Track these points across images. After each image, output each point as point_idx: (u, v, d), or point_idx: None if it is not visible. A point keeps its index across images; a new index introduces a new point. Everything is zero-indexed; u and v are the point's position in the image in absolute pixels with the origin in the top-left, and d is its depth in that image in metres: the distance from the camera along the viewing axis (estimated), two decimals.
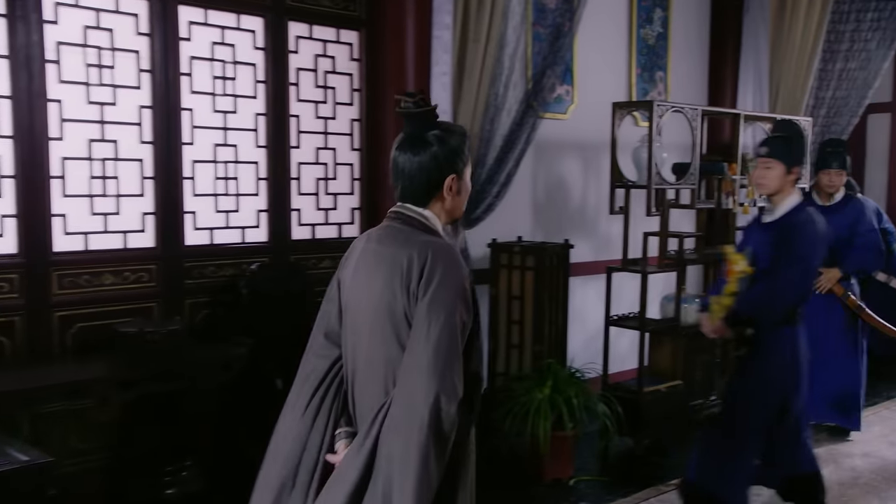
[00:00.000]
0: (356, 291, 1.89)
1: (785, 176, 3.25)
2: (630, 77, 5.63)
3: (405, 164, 1.87)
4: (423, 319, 1.73)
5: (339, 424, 1.91)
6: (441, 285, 1.74)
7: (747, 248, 3.34)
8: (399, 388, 1.74)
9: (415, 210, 1.90)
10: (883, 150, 7.01)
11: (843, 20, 5.82)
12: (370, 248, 1.90)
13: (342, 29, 4.26)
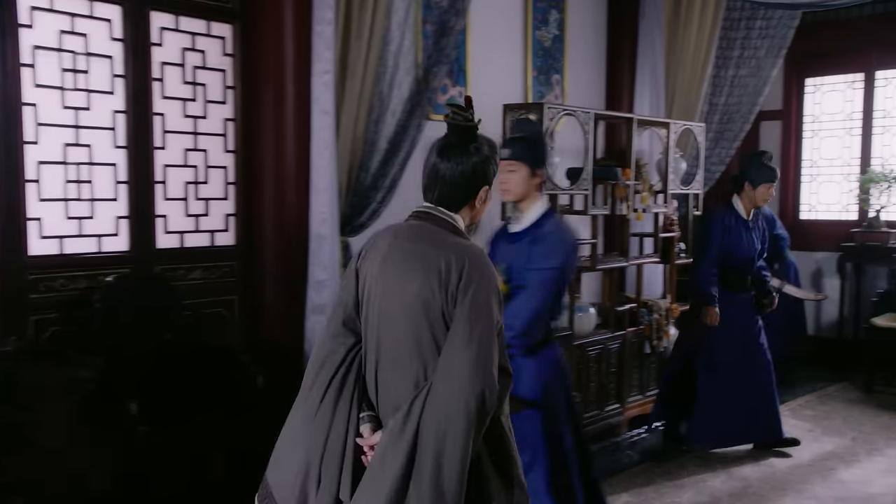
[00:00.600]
0: (386, 285, 1.97)
1: (530, 179, 2.98)
2: (526, 79, 5.51)
3: (447, 171, 2.00)
4: (465, 319, 1.86)
5: (361, 408, 1.98)
6: (480, 288, 1.88)
7: (500, 264, 2.90)
8: (443, 380, 1.84)
9: (446, 213, 2.02)
10: (775, 157, 7.09)
11: (734, 27, 5.85)
12: (400, 245, 1.99)
13: (213, 21, 3.95)
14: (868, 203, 6.40)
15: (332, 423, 1.96)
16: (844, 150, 6.87)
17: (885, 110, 6.64)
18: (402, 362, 1.93)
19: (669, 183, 5.16)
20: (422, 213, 2.05)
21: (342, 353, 2.02)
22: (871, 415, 5.26)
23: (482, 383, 1.82)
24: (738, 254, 4.43)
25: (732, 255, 4.43)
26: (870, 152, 6.71)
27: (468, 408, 1.80)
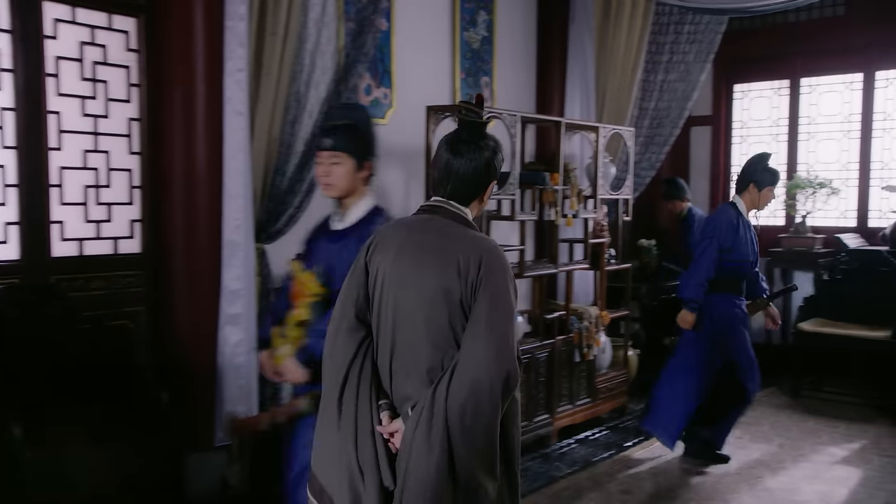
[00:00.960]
0: (403, 277, 2.04)
1: (356, 172, 2.71)
2: (454, 81, 5.37)
3: (460, 167, 2.09)
4: (488, 307, 1.95)
5: (379, 397, 2.05)
6: (499, 277, 1.99)
7: (318, 265, 2.72)
8: (469, 364, 1.92)
9: (457, 206, 2.11)
10: (705, 161, 7.16)
11: (663, 31, 5.83)
12: (415, 239, 2.07)
13: (115, 14, 3.70)
14: (794, 209, 6.45)
15: (357, 415, 2.03)
16: (773, 155, 6.90)
17: (809, 117, 6.71)
18: (419, 350, 2.02)
19: (599, 188, 5.08)
20: (433, 206, 2.13)
21: (354, 348, 2.07)
22: (797, 420, 5.27)
23: (507, 366, 1.93)
24: (741, 255, 4.26)
25: (736, 255, 4.24)
26: (796, 158, 6.78)
27: (495, 389, 1.91)
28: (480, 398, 1.91)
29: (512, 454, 2.09)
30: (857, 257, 5.94)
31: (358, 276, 2.13)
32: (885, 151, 6.37)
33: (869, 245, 6.18)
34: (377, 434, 2.02)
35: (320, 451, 2.13)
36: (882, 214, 6.38)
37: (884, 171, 6.37)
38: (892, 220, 6.03)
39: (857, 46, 6.36)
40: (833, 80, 6.58)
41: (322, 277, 2.65)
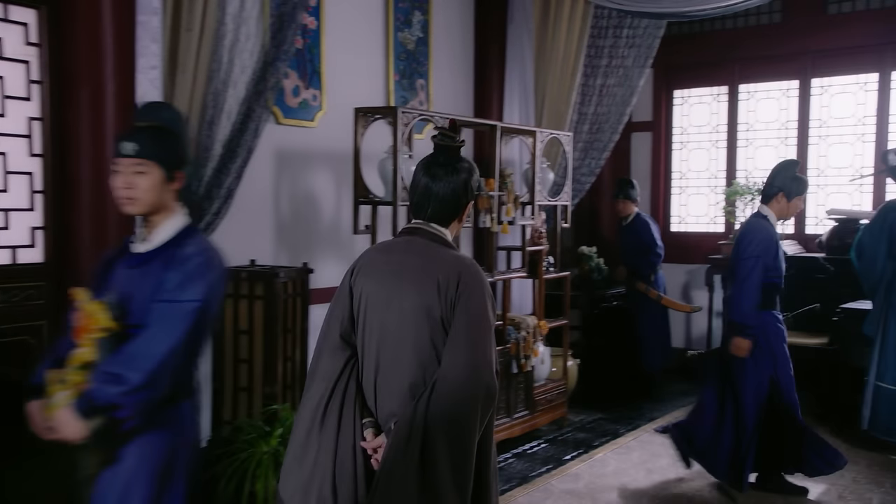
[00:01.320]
0: (388, 297, 2.13)
1: (165, 184, 2.27)
2: (388, 83, 5.19)
3: (439, 190, 2.17)
4: (466, 324, 2.04)
5: (362, 415, 2.11)
6: (476, 295, 2.07)
7: (111, 294, 2.25)
8: (449, 379, 2.00)
9: (437, 228, 2.19)
10: (646, 167, 7.11)
11: (602, 35, 5.74)
12: (396, 260, 2.17)
13: (12, 5, 3.42)
14: (734, 215, 6.43)
15: (339, 431, 2.08)
16: (711, 162, 6.91)
17: (747, 123, 6.71)
18: (402, 368, 2.09)
19: (537, 194, 4.96)
20: (414, 228, 2.23)
21: (340, 366, 2.13)
22: None
23: (486, 380, 2.01)
24: (780, 269, 4.06)
25: (775, 270, 4.02)
26: (735, 164, 6.77)
27: (474, 402, 1.99)
28: (460, 410, 1.98)
29: (489, 473, 2.16)
30: (794, 264, 5.91)
31: (343, 299, 2.20)
32: (821, 158, 6.39)
33: (806, 252, 6.19)
34: (359, 449, 2.07)
35: (289, 468, 2.14)
36: (818, 221, 6.40)
37: (820, 178, 6.39)
38: (828, 226, 6.03)
39: (793, 53, 6.37)
40: (770, 86, 6.59)
41: (115, 309, 2.19)
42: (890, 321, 4.35)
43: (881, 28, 5.95)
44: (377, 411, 2.12)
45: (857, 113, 6.22)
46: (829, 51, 6.25)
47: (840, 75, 6.27)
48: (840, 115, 6.29)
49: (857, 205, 6.23)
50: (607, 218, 7.13)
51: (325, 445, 2.08)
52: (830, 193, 6.36)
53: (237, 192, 3.98)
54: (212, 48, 3.61)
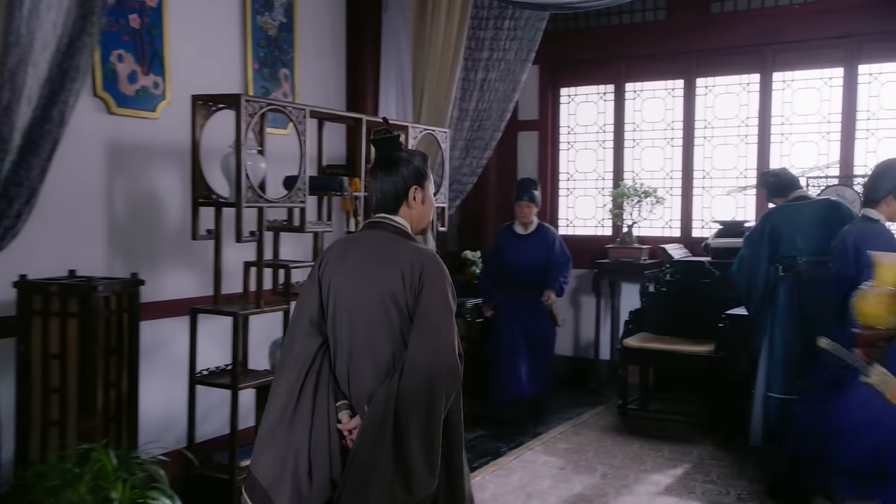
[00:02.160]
0: (356, 287, 2.29)
1: None
2: (246, 72, 4.66)
3: (380, 184, 2.38)
4: (428, 309, 2.22)
5: (336, 398, 2.27)
6: (437, 283, 2.26)
7: None
8: (415, 361, 2.17)
9: (392, 218, 2.37)
10: (532, 168, 6.82)
11: (483, 27, 5.39)
12: (361, 253, 2.34)
13: None
14: (621, 218, 6.22)
15: (313, 413, 2.21)
16: (599, 162, 6.69)
17: (634, 123, 6.52)
18: (374, 352, 2.24)
19: None
20: (375, 222, 2.38)
21: (313, 350, 2.27)
22: (623, 444, 4.95)
23: (448, 360, 2.18)
24: None
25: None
26: (622, 165, 6.57)
27: (439, 381, 2.15)
28: (427, 390, 2.14)
29: (458, 449, 2.33)
30: (681, 268, 5.76)
31: (311, 291, 2.35)
32: (706, 160, 6.25)
33: (692, 256, 6.03)
34: (333, 430, 2.21)
35: (262, 446, 2.26)
36: (704, 224, 6.27)
37: (705, 181, 6.26)
38: (714, 229, 5.90)
39: (677, 52, 6.22)
40: (656, 85, 6.42)
41: None
42: (776, 329, 4.16)
43: (762, 28, 5.86)
44: (350, 395, 2.27)
45: (741, 114, 6.11)
46: (713, 50, 6.12)
47: (723, 75, 6.15)
48: (724, 115, 6.18)
49: (742, 207, 6.12)
50: (493, 221, 6.81)
51: (300, 427, 2.20)
52: (716, 196, 6.23)
53: (55, 192, 3.42)
54: (5, 20, 3.02)
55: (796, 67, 5.90)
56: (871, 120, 5.67)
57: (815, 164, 5.85)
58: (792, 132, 5.93)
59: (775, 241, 4.27)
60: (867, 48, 5.63)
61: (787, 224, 4.28)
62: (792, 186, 4.45)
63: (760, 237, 4.34)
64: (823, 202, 4.36)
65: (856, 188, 5.43)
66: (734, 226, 5.75)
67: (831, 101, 5.79)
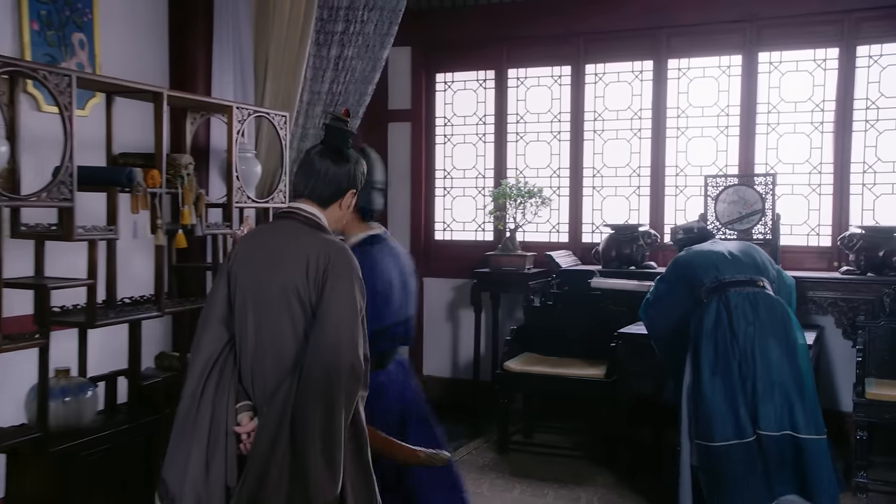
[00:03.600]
0: (259, 281, 2.17)
1: None
2: (21, 35, 3.60)
3: (323, 169, 2.26)
4: (330, 306, 2.10)
5: (238, 398, 2.16)
6: (342, 278, 2.13)
7: None
8: (314, 361, 2.07)
9: (310, 211, 2.25)
10: (405, 164, 6.00)
11: None
12: (268, 243, 2.22)
13: None
14: (503, 221, 5.48)
15: (213, 415, 2.11)
16: (479, 158, 5.93)
17: (517, 114, 5.80)
18: (276, 348, 2.14)
19: (236, 192, 3.63)
20: (287, 212, 2.29)
21: (218, 348, 2.17)
22: (501, 487, 4.19)
23: (350, 359, 2.08)
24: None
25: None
26: (504, 162, 5.83)
27: (338, 382, 2.06)
28: (325, 391, 2.04)
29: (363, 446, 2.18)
30: (569, 279, 5.06)
31: (221, 284, 2.23)
32: (597, 156, 5.60)
33: (582, 264, 5.36)
34: (231, 433, 2.10)
35: (170, 452, 2.16)
36: (595, 228, 5.61)
37: (596, 179, 5.60)
38: (606, 234, 5.24)
39: (564, 35, 5.54)
40: (541, 72, 5.71)
41: None
42: (703, 370, 3.45)
43: (655, 9, 5.24)
44: (254, 395, 2.17)
45: (634, 105, 5.48)
46: (602, 33, 5.47)
47: (614, 61, 5.51)
48: (616, 106, 5.53)
49: (636, 210, 5.49)
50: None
51: (200, 430, 2.10)
52: (607, 197, 5.58)
53: None
54: None
55: (692, 54, 5.31)
56: (771, 113, 5.14)
57: (714, 162, 5.28)
58: (688, 126, 5.35)
59: (691, 279, 3.63)
60: (768, 33, 5.10)
61: (700, 258, 3.69)
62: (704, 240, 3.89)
63: (676, 280, 3.70)
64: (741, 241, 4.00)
65: (757, 188, 4.88)
66: (627, 230, 5.11)
67: (730, 92, 5.24)
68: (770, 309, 3.49)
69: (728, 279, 3.56)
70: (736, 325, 3.43)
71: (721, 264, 3.61)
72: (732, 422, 3.37)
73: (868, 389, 4.07)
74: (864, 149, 4.93)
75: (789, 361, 3.44)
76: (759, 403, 3.38)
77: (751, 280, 3.58)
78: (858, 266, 4.58)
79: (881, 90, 4.89)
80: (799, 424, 3.39)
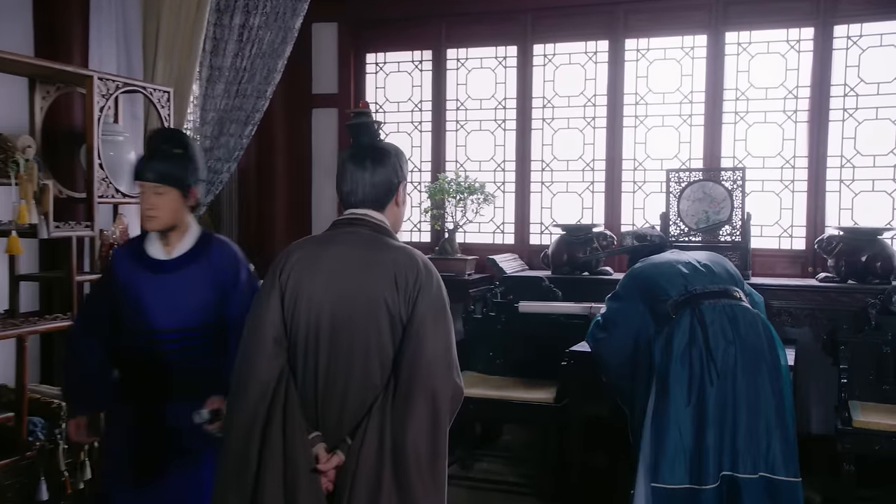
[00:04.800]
0: (334, 293, 1.94)
1: None
2: None
3: (368, 170, 2.04)
4: (431, 318, 1.90)
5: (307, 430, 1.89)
6: (438, 289, 1.95)
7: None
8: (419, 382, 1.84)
9: (378, 217, 2.05)
10: (331, 154, 5.32)
11: None
12: (342, 254, 1.98)
13: None
14: (441, 221, 4.84)
15: (285, 449, 1.84)
16: (414, 149, 5.28)
17: (457, 100, 5.16)
18: (358, 370, 1.90)
19: (99, 184, 2.92)
20: (354, 219, 2.05)
21: (276, 374, 1.90)
22: None
23: (456, 380, 1.90)
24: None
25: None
26: (443, 154, 5.19)
27: (445, 405, 1.86)
28: (432, 414, 1.85)
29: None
30: (514, 285, 4.44)
31: (272, 301, 1.96)
32: (546, 148, 5.00)
33: (529, 269, 4.75)
34: (312, 470, 1.85)
35: (228, 485, 1.87)
36: (544, 228, 5.01)
37: (545, 174, 5.00)
38: (556, 235, 4.64)
39: (509, 11, 4.92)
40: (483, 52, 5.08)
41: None
42: (673, 401, 2.85)
43: None
44: (321, 424, 1.91)
45: (588, 90, 4.89)
46: (552, 9, 4.87)
47: (565, 41, 4.90)
48: (568, 92, 4.93)
49: (589, 208, 4.91)
50: (283, 224, 5.28)
51: (271, 471, 1.83)
52: (558, 193, 4.98)
53: None
54: None
55: (652, 33, 4.74)
56: (739, 101, 4.60)
57: (676, 155, 4.72)
58: (648, 114, 4.77)
59: (653, 293, 3.02)
60: (735, 10, 4.55)
61: (662, 268, 3.09)
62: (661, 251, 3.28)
63: (633, 293, 3.08)
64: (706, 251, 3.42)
65: (724, 184, 4.33)
66: (580, 231, 4.52)
67: (693, 77, 4.68)
68: (751, 325, 2.91)
69: (700, 290, 2.97)
70: (713, 345, 2.84)
71: (689, 274, 3.02)
72: (698, 462, 2.79)
73: (854, 415, 3.53)
74: (842, 141, 4.42)
75: (773, 388, 2.88)
76: (738, 440, 2.81)
77: (726, 291, 3.00)
78: (838, 272, 4.06)
79: (860, 75, 4.38)
80: (777, 464, 2.84)
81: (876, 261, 3.96)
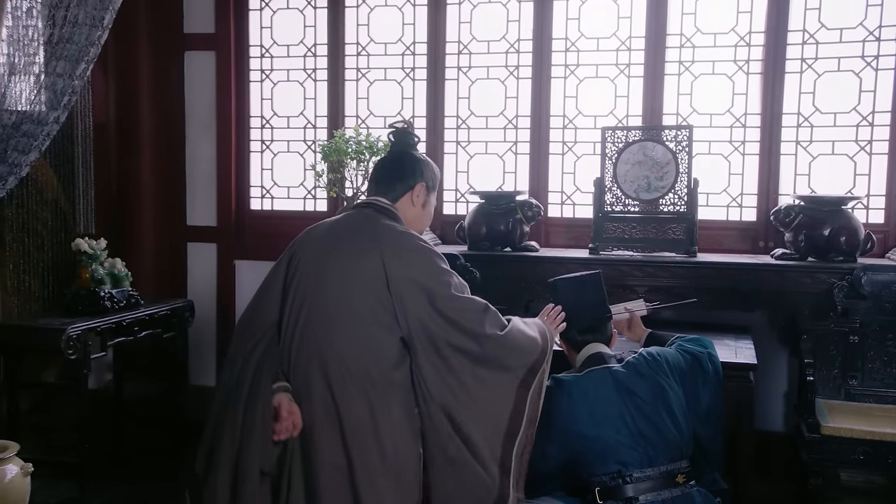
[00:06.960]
0: (324, 264, 2.13)
1: None
2: None
3: (387, 163, 2.34)
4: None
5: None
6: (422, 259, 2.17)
7: None
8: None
9: (385, 201, 2.24)
10: (209, 106, 4.47)
11: None
12: (344, 231, 2.19)
13: None
14: (338, 187, 4.07)
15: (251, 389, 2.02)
16: (308, 102, 4.47)
17: (358, 44, 4.38)
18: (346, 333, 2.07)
19: None
20: (364, 203, 2.28)
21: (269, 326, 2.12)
22: None
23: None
24: None
25: None
26: (342, 108, 4.41)
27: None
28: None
29: None
30: None
31: (281, 268, 2.18)
32: (461, 101, 4.28)
33: (443, 244, 4.07)
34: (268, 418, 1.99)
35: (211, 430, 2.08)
36: (459, 196, 4.31)
37: (461, 132, 4.29)
38: (474, 205, 3.95)
39: None
40: None
41: None
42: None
43: None
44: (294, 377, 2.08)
45: (510, 34, 4.18)
46: None
47: None
48: (486, 36, 4.21)
49: (512, 172, 4.23)
50: (150, 203, 4.45)
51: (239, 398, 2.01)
52: (476, 155, 4.28)
53: None
54: None
55: None
56: (685, 48, 3.97)
57: (612, 111, 4.08)
58: (580, 63, 4.10)
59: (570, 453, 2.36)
60: None
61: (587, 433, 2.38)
62: None
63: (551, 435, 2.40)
64: None
65: (668, 144, 3.71)
66: (501, 199, 3.85)
67: (632, 19, 4.02)
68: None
69: (638, 475, 2.30)
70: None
71: (627, 443, 2.32)
72: None
73: (822, 420, 2.99)
74: (800, 96, 3.84)
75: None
76: None
77: (669, 473, 2.33)
78: (797, 248, 3.50)
79: (821, 19, 3.80)
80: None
81: (840, 235, 3.41)
